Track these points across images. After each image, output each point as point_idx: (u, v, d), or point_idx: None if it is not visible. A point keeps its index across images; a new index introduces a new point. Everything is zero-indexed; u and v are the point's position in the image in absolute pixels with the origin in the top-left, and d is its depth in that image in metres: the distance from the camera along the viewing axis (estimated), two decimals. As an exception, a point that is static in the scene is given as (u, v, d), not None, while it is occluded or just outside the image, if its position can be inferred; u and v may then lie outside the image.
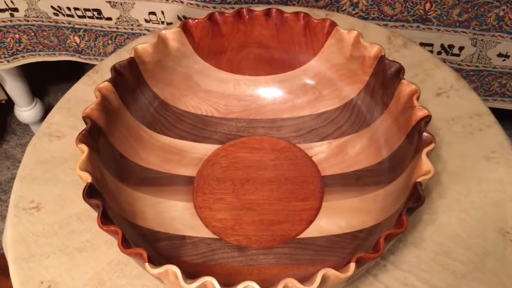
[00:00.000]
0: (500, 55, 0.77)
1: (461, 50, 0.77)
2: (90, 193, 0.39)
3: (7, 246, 0.49)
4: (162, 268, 0.36)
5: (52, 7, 0.82)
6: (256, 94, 0.57)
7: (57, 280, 0.46)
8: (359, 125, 0.53)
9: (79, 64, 0.97)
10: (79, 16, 0.83)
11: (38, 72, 1.14)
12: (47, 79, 1.28)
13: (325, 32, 0.52)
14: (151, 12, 0.80)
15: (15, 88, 1.04)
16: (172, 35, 0.52)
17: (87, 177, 0.40)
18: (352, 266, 0.36)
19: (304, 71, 0.55)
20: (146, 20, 0.82)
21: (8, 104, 1.14)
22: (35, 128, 1.16)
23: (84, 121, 0.44)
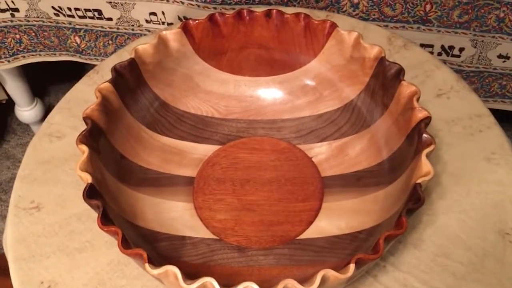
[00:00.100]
0: (500, 56, 0.77)
1: (461, 51, 0.78)
2: (90, 193, 0.39)
3: (7, 246, 0.49)
4: (162, 268, 0.36)
5: (53, 8, 0.82)
6: (256, 95, 0.57)
7: (57, 280, 0.46)
8: (359, 126, 0.53)
9: (79, 64, 0.97)
10: (80, 17, 0.83)
11: (39, 72, 1.14)
12: (48, 79, 1.28)
13: (325, 33, 0.52)
14: (151, 13, 0.80)
15: (15, 88, 1.04)
16: (172, 36, 0.52)
17: (87, 177, 0.40)
18: (351, 267, 0.36)
19: (305, 72, 0.55)
20: (147, 21, 0.82)
21: (8, 104, 1.14)
22: (36, 128, 1.16)
23: (85, 121, 0.44)
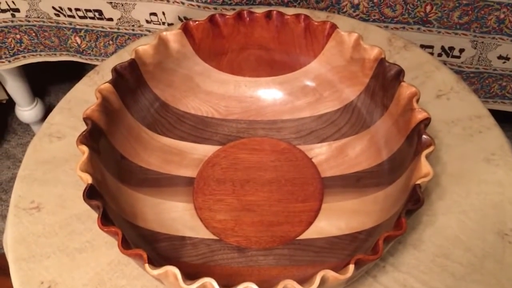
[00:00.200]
0: (500, 57, 0.77)
1: (461, 52, 0.78)
2: (90, 194, 0.40)
3: (7, 246, 0.49)
4: (162, 269, 0.36)
5: (53, 8, 0.82)
6: (256, 96, 0.57)
7: (57, 280, 0.46)
8: (359, 127, 0.53)
9: (80, 64, 0.97)
10: (80, 17, 0.83)
11: (39, 72, 1.14)
12: (48, 79, 1.28)
13: (325, 34, 0.52)
14: (152, 13, 0.80)
15: (16, 88, 1.04)
16: (172, 37, 0.52)
17: (87, 178, 0.40)
18: (351, 267, 0.36)
19: (305, 73, 0.55)
20: (147, 21, 0.82)
21: (9, 104, 1.14)
22: (36, 128, 1.16)
23: (85, 122, 0.44)
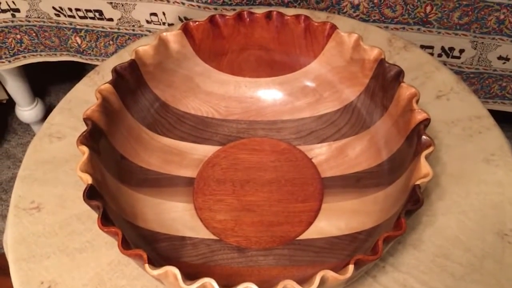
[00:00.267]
0: (500, 57, 0.77)
1: (461, 52, 0.78)
2: (90, 194, 0.40)
3: (7, 247, 0.49)
4: (161, 269, 0.36)
5: (54, 8, 0.82)
6: (256, 96, 0.57)
7: (57, 280, 0.46)
8: (359, 127, 0.53)
9: (80, 64, 0.97)
10: (81, 17, 0.83)
11: (39, 72, 1.14)
12: (48, 79, 1.28)
13: (325, 35, 0.52)
14: (152, 13, 0.80)
15: (16, 88, 1.04)
16: (173, 37, 0.52)
17: (87, 178, 0.41)
18: (350, 268, 0.36)
19: (305, 73, 0.55)
20: (148, 21, 0.82)
21: (9, 104, 1.14)
22: (36, 127, 1.16)
23: (85, 122, 0.45)
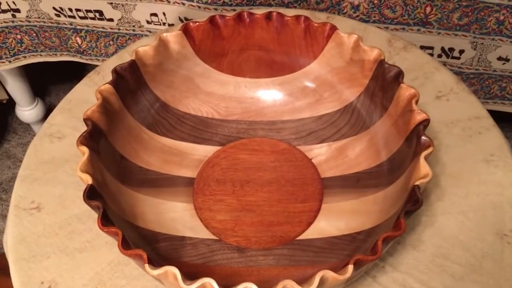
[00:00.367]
0: (500, 58, 0.77)
1: (461, 53, 0.78)
2: (90, 194, 0.40)
3: (8, 247, 0.50)
4: (161, 269, 0.36)
5: (54, 8, 0.83)
6: (256, 96, 0.57)
7: (57, 280, 0.46)
8: (358, 127, 0.53)
9: (80, 64, 0.97)
10: (81, 17, 0.83)
11: (40, 72, 1.14)
12: (49, 79, 1.28)
13: (325, 35, 0.52)
14: (152, 14, 0.81)
15: (16, 88, 1.04)
16: (173, 38, 0.52)
17: (87, 178, 0.41)
18: (350, 268, 0.36)
19: (305, 74, 0.56)
20: (148, 22, 0.82)
21: (9, 104, 1.14)
22: (37, 127, 1.16)
23: (85, 123, 0.45)
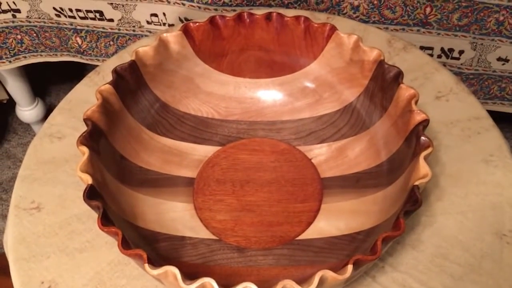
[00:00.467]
0: (499, 59, 0.77)
1: (461, 54, 0.78)
2: (90, 194, 0.40)
3: (8, 246, 0.50)
4: (161, 269, 0.36)
5: (54, 9, 0.83)
6: (256, 97, 0.57)
7: (57, 280, 0.46)
8: (358, 128, 0.53)
9: (80, 64, 0.97)
10: (81, 18, 0.83)
11: (40, 72, 1.14)
12: (49, 79, 1.28)
13: (325, 36, 0.52)
14: (152, 14, 0.81)
15: (16, 88, 1.04)
16: (173, 38, 0.52)
17: (87, 178, 0.41)
18: (349, 268, 0.36)
19: (304, 74, 0.56)
20: (148, 22, 0.82)
21: (9, 104, 1.14)
22: (37, 127, 1.16)
23: (85, 123, 0.45)
